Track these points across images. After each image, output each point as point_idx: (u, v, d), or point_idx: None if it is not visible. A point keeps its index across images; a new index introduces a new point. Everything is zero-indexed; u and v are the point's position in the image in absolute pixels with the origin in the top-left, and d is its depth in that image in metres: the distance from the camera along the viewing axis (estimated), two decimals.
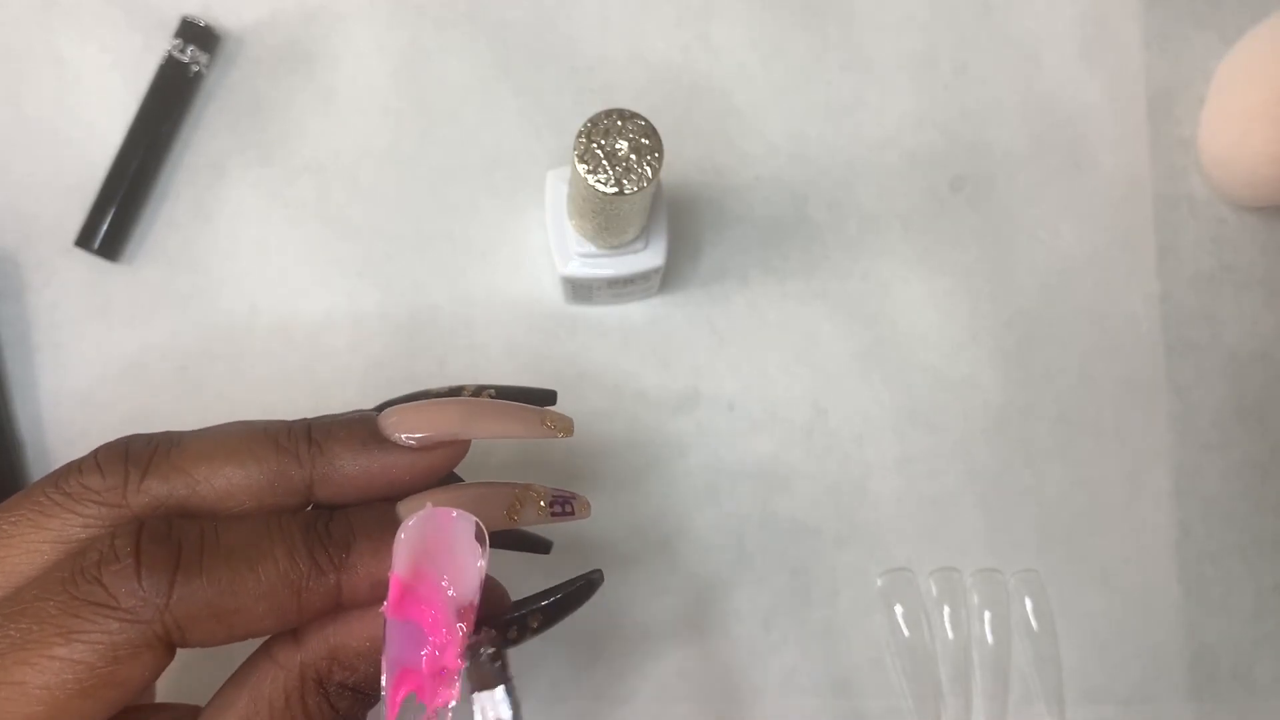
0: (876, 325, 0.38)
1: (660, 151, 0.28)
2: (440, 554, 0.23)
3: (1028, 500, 0.38)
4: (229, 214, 0.38)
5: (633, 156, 0.28)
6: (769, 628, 0.37)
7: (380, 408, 0.28)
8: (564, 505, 0.26)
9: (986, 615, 0.37)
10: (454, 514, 0.23)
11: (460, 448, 0.25)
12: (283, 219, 0.38)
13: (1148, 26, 0.40)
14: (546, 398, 0.30)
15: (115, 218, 0.36)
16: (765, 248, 0.38)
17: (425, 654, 0.22)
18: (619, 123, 0.28)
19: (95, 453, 0.24)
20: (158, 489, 0.23)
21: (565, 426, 0.26)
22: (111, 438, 0.36)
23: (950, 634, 0.37)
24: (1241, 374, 0.39)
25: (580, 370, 0.37)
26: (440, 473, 0.25)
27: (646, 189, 0.28)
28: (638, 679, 0.36)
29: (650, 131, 0.28)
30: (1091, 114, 0.40)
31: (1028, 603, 0.37)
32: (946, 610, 0.37)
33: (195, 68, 0.37)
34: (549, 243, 0.34)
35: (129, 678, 0.21)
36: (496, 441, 0.37)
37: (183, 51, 0.37)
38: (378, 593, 0.23)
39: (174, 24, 0.37)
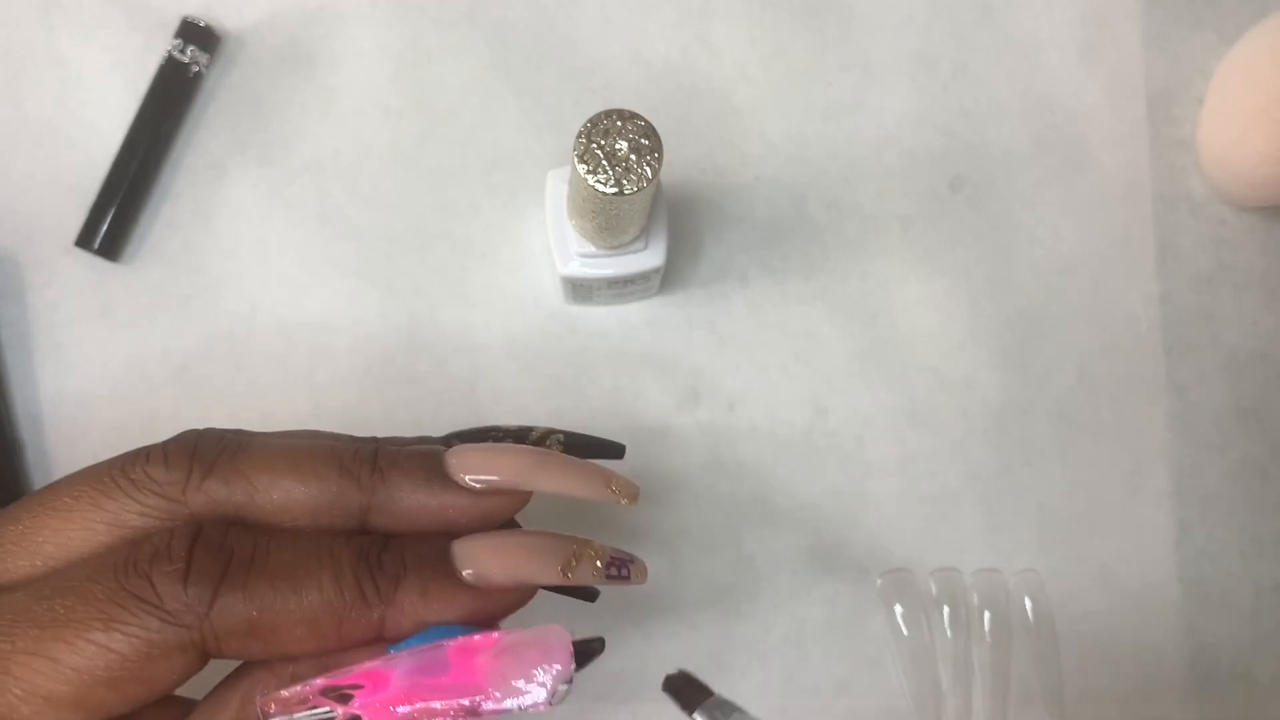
0: (876, 325, 0.38)
1: (660, 151, 0.28)
2: (516, 670, 0.22)
3: (1027, 500, 0.38)
4: (229, 214, 0.38)
5: (632, 157, 0.28)
6: (769, 628, 0.37)
7: (448, 439, 0.28)
8: (620, 568, 0.25)
9: (986, 615, 0.37)
10: (567, 649, 0.22)
11: (521, 497, 0.25)
12: (283, 219, 0.38)
13: (1148, 26, 0.40)
14: (614, 451, 0.29)
15: (115, 218, 0.36)
16: (765, 248, 0.38)
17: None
18: (619, 123, 0.28)
19: (165, 443, 0.24)
20: (217, 491, 0.23)
21: (631, 493, 0.26)
22: (112, 438, 0.36)
23: (950, 634, 0.37)
24: (1241, 374, 0.39)
25: (580, 370, 0.38)
26: (497, 519, 0.25)
27: (646, 189, 0.28)
28: (638, 680, 0.36)
29: (650, 132, 0.28)
30: (1091, 114, 0.40)
31: (1027, 602, 0.37)
32: (946, 610, 0.37)
33: (195, 68, 0.37)
34: (549, 243, 0.34)
35: (156, 677, 0.22)
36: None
37: (183, 52, 0.37)
38: (420, 630, 0.23)
39: (174, 24, 0.37)
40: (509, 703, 0.22)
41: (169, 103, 0.37)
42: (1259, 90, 0.36)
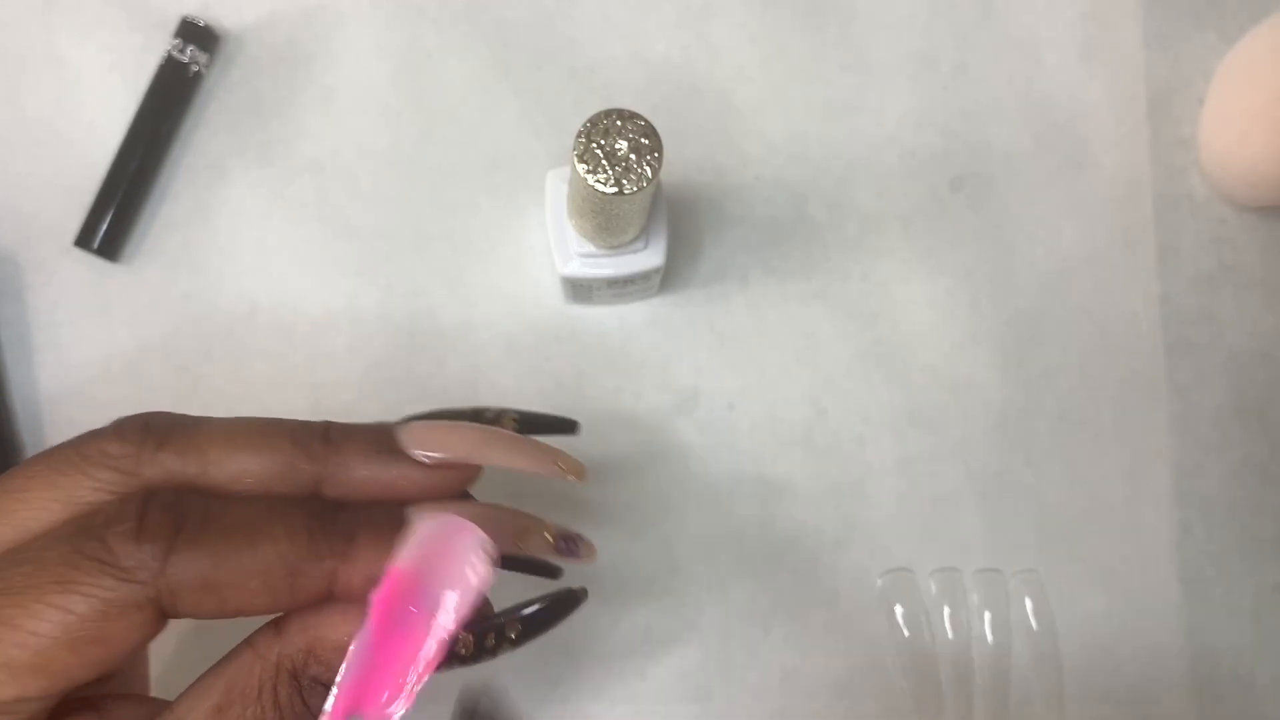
0: (876, 325, 0.38)
1: (660, 151, 0.28)
2: (445, 562, 0.23)
3: (1028, 500, 0.38)
4: (229, 214, 0.38)
5: (632, 156, 0.28)
6: (769, 628, 0.37)
7: (403, 422, 0.28)
8: (570, 544, 0.26)
9: (986, 615, 0.37)
10: (472, 525, 0.23)
11: (471, 471, 0.26)
12: (283, 219, 0.38)
13: (1148, 26, 0.40)
14: (568, 426, 0.30)
15: (115, 217, 0.36)
16: (765, 248, 0.38)
17: (389, 677, 0.22)
18: (619, 123, 0.28)
19: (118, 420, 0.24)
20: (171, 463, 0.23)
21: (577, 470, 0.27)
22: None
23: (950, 634, 0.37)
24: (1241, 374, 0.39)
25: (580, 370, 0.37)
26: (447, 493, 0.26)
27: (646, 189, 0.28)
28: (638, 679, 0.36)
29: (650, 131, 0.28)
30: (1091, 114, 0.40)
31: (1028, 603, 0.37)
32: (946, 610, 0.37)
33: (195, 68, 0.37)
34: (549, 243, 0.34)
35: (116, 637, 0.22)
36: None
37: (182, 51, 0.37)
38: (371, 589, 0.23)
39: (174, 24, 0.37)
40: (455, 598, 0.22)
41: (168, 102, 0.37)
42: (1259, 90, 0.36)
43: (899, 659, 0.37)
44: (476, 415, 0.28)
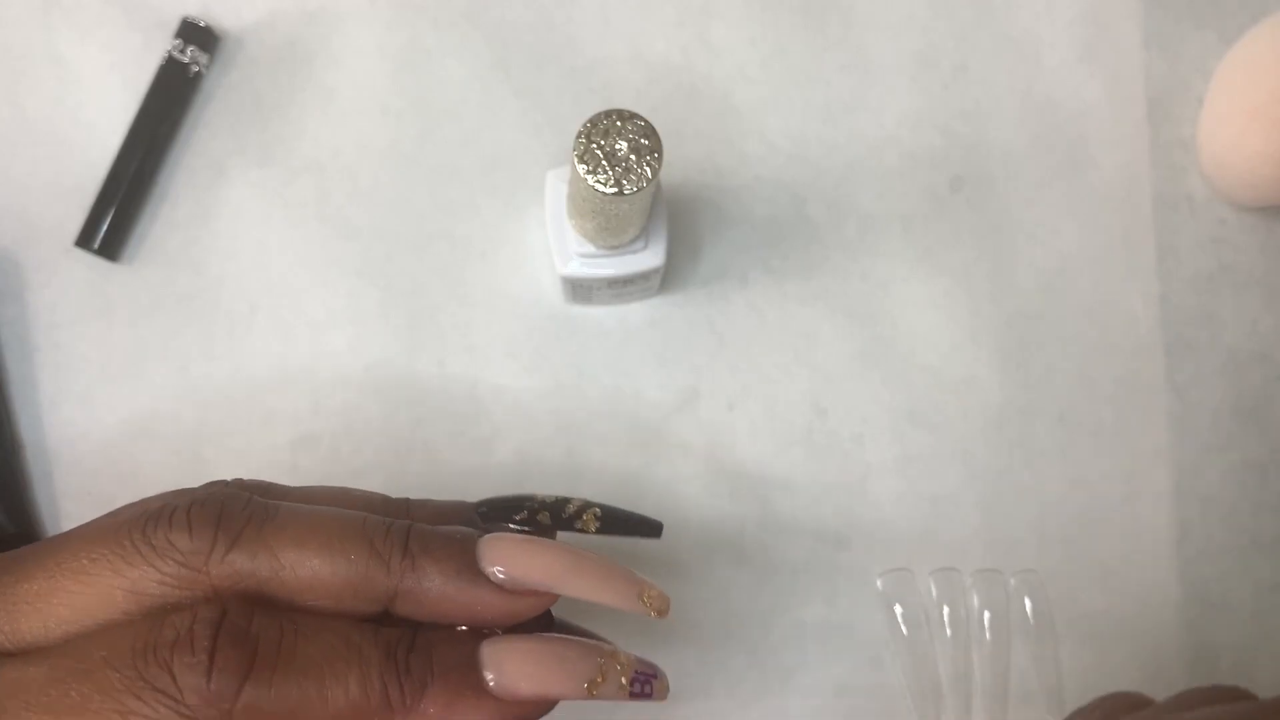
0: (876, 325, 0.38)
1: (660, 152, 0.28)
2: None
3: (1027, 500, 0.38)
4: (229, 214, 0.38)
5: (632, 157, 0.28)
6: (769, 628, 0.37)
7: (481, 506, 0.28)
8: (645, 684, 0.25)
9: (986, 615, 0.37)
10: None
11: (549, 599, 0.25)
12: (283, 219, 0.38)
13: (1148, 26, 0.40)
14: (652, 530, 0.29)
15: (115, 218, 0.36)
16: (765, 248, 0.38)
17: None
18: (619, 123, 0.28)
19: (190, 508, 0.23)
20: (242, 564, 0.22)
21: (661, 607, 0.25)
22: (112, 437, 0.36)
23: (950, 634, 0.37)
24: (1241, 374, 0.39)
25: (580, 370, 0.38)
26: (523, 618, 0.25)
27: (646, 189, 0.28)
28: None
29: (650, 132, 0.28)
30: (1091, 114, 0.40)
31: (1027, 603, 0.37)
32: (946, 610, 0.37)
33: (195, 68, 0.37)
34: (549, 243, 0.34)
35: None
36: (498, 440, 0.37)
37: (183, 52, 0.37)
38: None
39: (174, 24, 0.37)
40: None
41: (169, 103, 0.37)
42: (1259, 90, 0.36)
43: (899, 659, 0.37)
44: (558, 506, 0.28)
